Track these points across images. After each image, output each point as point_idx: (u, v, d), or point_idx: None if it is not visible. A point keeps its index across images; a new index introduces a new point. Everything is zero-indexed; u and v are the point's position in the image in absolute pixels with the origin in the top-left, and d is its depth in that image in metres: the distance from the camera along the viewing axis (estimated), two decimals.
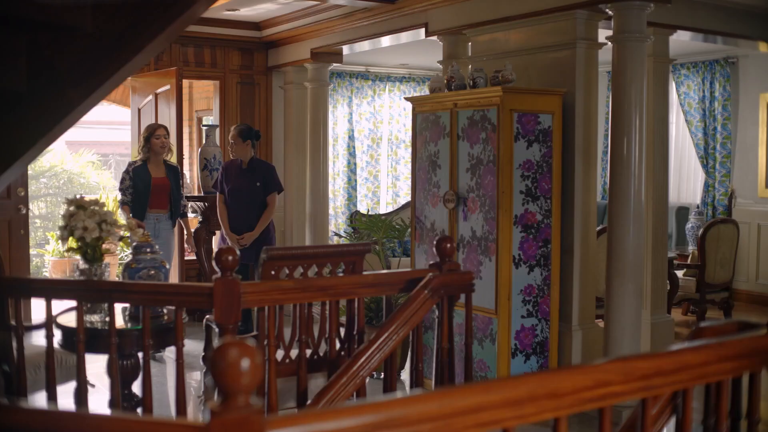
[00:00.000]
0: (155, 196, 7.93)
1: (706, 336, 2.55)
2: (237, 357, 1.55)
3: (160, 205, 7.98)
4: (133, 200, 7.88)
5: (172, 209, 8.05)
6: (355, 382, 3.76)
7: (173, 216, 8.08)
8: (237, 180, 7.94)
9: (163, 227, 7.99)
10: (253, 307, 4.05)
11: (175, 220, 8.16)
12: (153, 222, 7.91)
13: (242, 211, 7.92)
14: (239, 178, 7.93)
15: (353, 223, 10.44)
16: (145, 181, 7.88)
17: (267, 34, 10.33)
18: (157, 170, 7.98)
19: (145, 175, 7.90)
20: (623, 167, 6.11)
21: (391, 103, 13.07)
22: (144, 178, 7.89)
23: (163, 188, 7.97)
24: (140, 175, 7.90)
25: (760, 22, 7.84)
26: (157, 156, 7.96)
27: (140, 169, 7.93)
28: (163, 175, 8.00)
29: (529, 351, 6.41)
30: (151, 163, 7.96)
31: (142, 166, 7.94)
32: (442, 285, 4.03)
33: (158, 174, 7.98)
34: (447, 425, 1.74)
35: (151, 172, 7.93)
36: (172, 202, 8.02)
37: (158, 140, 7.91)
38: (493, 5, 7.07)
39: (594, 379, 1.93)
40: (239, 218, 7.93)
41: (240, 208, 7.92)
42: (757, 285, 10.98)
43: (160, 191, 7.95)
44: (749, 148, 11.18)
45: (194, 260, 9.51)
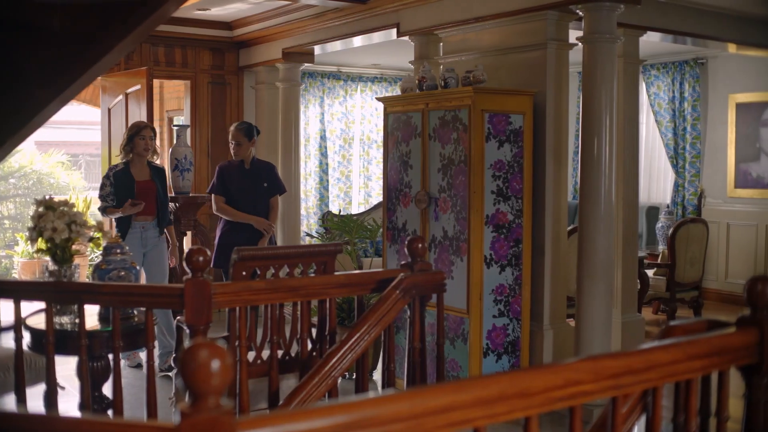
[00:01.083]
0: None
1: (675, 335, 2.56)
2: (207, 358, 1.54)
3: (146, 212, 7.24)
4: (116, 207, 7.19)
5: (160, 216, 7.38)
6: (327, 382, 3.76)
7: (161, 223, 7.40)
8: (242, 182, 7.35)
9: (150, 236, 7.33)
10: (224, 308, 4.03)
11: (163, 228, 7.45)
12: (139, 231, 7.26)
13: (251, 213, 7.33)
14: (244, 179, 7.36)
15: (325, 224, 10.43)
16: (128, 186, 7.18)
17: (238, 33, 10.30)
18: (140, 173, 7.31)
19: (127, 180, 7.22)
20: (594, 167, 6.14)
21: (363, 103, 13.07)
22: (126, 183, 7.20)
23: (148, 193, 7.28)
24: (122, 179, 7.21)
25: (729, 24, 7.91)
26: (141, 158, 7.31)
27: (122, 173, 7.25)
28: (147, 178, 7.33)
29: (500, 350, 6.42)
30: (134, 166, 7.30)
31: (124, 169, 7.27)
32: (414, 285, 4.03)
33: (142, 177, 7.30)
34: (418, 425, 1.74)
35: (134, 175, 7.26)
36: (159, 208, 7.36)
37: (142, 141, 7.27)
38: (464, 6, 7.08)
39: (564, 378, 1.94)
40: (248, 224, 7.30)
41: (249, 210, 7.32)
42: (727, 284, 11.07)
43: (146, 196, 7.23)
44: (718, 149, 11.28)
45: None
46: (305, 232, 11.41)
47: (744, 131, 10.99)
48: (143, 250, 7.24)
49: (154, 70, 9.65)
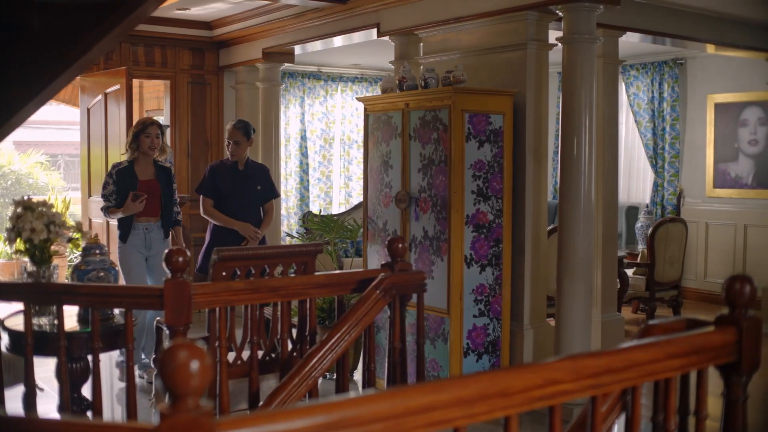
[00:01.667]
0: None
1: (654, 334, 2.57)
2: (186, 359, 1.53)
3: (149, 212, 6.94)
4: (118, 207, 6.88)
5: (164, 216, 7.03)
6: (308, 382, 3.75)
7: (165, 224, 7.05)
8: (235, 184, 7.07)
9: (154, 238, 6.99)
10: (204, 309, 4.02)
11: (168, 230, 7.12)
12: (142, 232, 6.94)
13: (242, 218, 7.04)
14: (237, 181, 7.08)
15: (305, 224, 10.42)
16: (131, 185, 6.87)
17: (218, 33, 10.27)
18: (145, 172, 7.01)
19: (130, 178, 6.91)
20: (573, 167, 6.16)
21: (344, 103, 13.06)
22: (129, 181, 6.89)
23: (151, 192, 6.94)
24: (125, 177, 6.90)
25: (708, 24, 7.95)
26: (147, 156, 6.99)
27: (125, 171, 6.94)
28: (151, 177, 7.02)
29: (481, 350, 6.43)
30: (139, 164, 7.00)
31: (128, 167, 6.97)
32: (394, 285, 4.04)
33: (146, 176, 7.00)
34: (398, 425, 1.74)
35: (138, 174, 6.96)
36: (163, 208, 7.02)
37: (148, 138, 6.94)
38: (444, 6, 7.09)
39: (544, 378, 1.94)
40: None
41: (240, 217, 7.02)
42: (706, 283, 11.13)
43: (149, 197, 6.90)
44: (697, 149, 11.34)
45: None
46: (285, 233, 11.39)
47: (722, 131, 11.06)
48: (147, 254, 7.00)
49: (134, 70, 9.62)
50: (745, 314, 2.39)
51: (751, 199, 10.74)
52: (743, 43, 8.39)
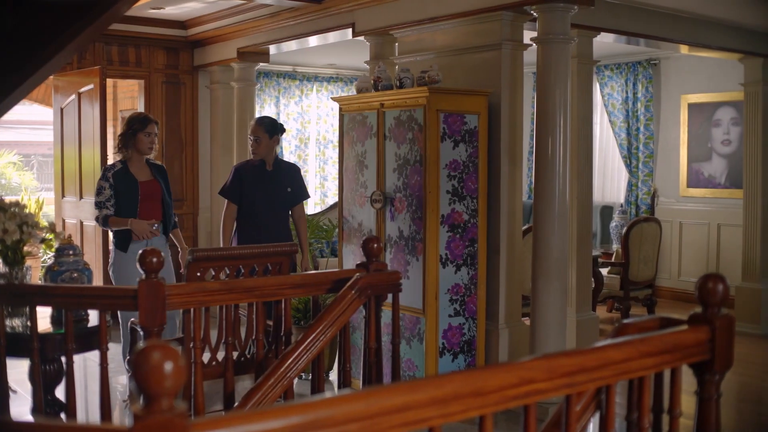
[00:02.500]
0: (144, 205, 6.37)
1: (628, 333, 2.58)
2: (160, 360, 1.53)
3: (151, 216, 6.39)
4: (116, 214, 6.30)
5: (165, 220, 6.49)
6: (283, 383, 3.75)
7: (166, 229, 6.50)
8: (262, 186, 6.54)
9: (156, 243, 6.31)
10: (179, 309, 4.01)
11: (169, 233, 6.57)
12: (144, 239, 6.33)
13: (272, 226, 6.47)
14: (265, 183, 6.55)
15: None
16: (131, 188, 6.32)
17: (193, 33, 10.23)
18: (141, 173, 6.44)
19: (129, 181, 6.34)
20: (548, 167, 6.18)
21: (319, 103, 13.05)
22: (129, 184, 6.33)
23: (153, 194, 6.43)
24: (123, 180, 6.32)
25: (681, 25, 8.00)
26: (141, 156, 6.43)
27: (122, 174, 6.35)
28: (150, 178, 6.47)
29: (456, 350, 6.44)
30: (133, 165, 6.42)
31: (124, 169, 6.37)
32: (369, 285, 4.04)
33: (145, 177, 6.44)
34: (373, 425, 1.74)
35: (135, 175, 6.39)
36: (164, 211, 6.50)
37: (148, 138, 6.38)
38: (419, 6, 7.09)
39: (518, 377, 1.95)
40: (267, 233, 6.41)
41: (269, 222, 6.48)
42: (680, 282, 11.20)
43: (151, 198, 6.41)
44: (671, 148, 11.42)
45: None
46: None
47: (696, 131, 11.13)
48: None
49: (108, 70, 9.57)
50: (718, 313, 2.40)
51: (724, 199, 10.82)
52: (716, 44, 8.45)
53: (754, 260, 9.20)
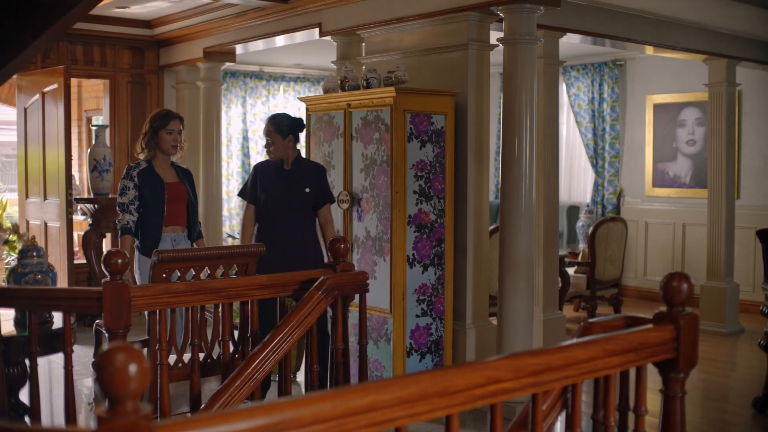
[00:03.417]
0: (170, 209, 5.96)
1: (594, 332, 2.60)
2: (124, 362, 1.51)
3: (176, 221, 5.99)
4: (140, 219, 5.88)
5: (190, 226, 6.09)
6: (250, 385, 3.73)
7: (191, 235, 6.09)
8: (278, 186, 6.07)
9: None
10: (144, 311, 3.98)
11: (194, 242, 6.15)
12: (170, 244, 5.93)
13: (287, 229, 6.00)
14: (281, 183, 6.07)
15: None
16: (157, 190, 5.91)
17: (158, 32, 10.17)
18: (167, 174, 6.05)
19: (155, 182, 5.93)
20: (514, 167, 6.20)
21: (286, 103, 13.01)
22: (155, 186, 5.91)
23: (180, 198, 6.02)
24: (149, 181, 5.91)
25: (646, 26, 8.06)
26: (166, 156, 6.05)
27: (148, 174, 5.94)
28: (177, 180, 6.07)
29: (424, 350, 6.45)
30: (158, 165, 6.03)
31: (149, 168, 5.97)
32: (336, 285, 4.03)
33: (171, 178, 6.04)
34: (340, 425, 1.74)
35: (162, 176, 6.01)
36: (190, 217, 6.09)
37: (170, 135, 5.99)
38: (386, 6, 7.09)
39: (485, 377, 1.95)
40: (283, 238, 5.99)
41: (284, 225, 5.99)
42: (645, 281, 11.29)
43: (177, 202, 6.00)
44: (637, 149, 11.51)
45: (84, 264, 9.31)
46: (227, 234, 11.34)
47: (661, 131, 11.22)
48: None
49: (72, 69, 9.48)
50: (683, 311, 2.42)
51: (689, 198, 10.92)
52: (681, 45, 8.52)
53: (718, 259, 9.28)
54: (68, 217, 8.45)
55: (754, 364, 7.79)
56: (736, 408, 6.63)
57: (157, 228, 5.87)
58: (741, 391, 7.04)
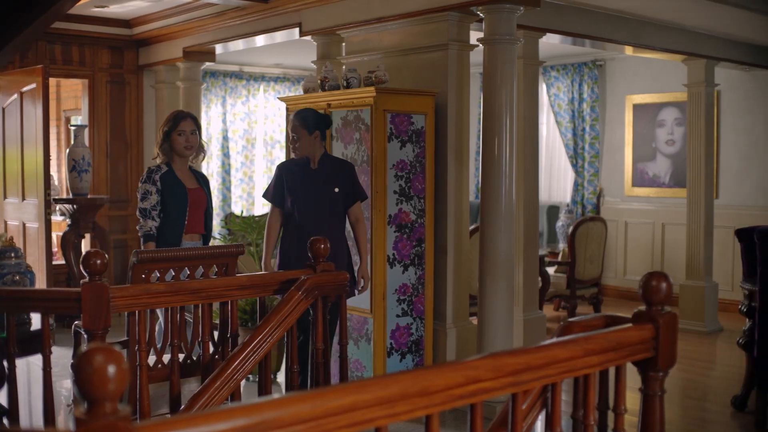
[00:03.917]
0: (191, 216, 5.73)
1: (574, 331, 2.60)
2: (103, 363, 1.50)
3: (195, 228, 5.76)
4: (163, 223, 5.63)
5: (207, 233, 5.89)
6: (230, 385, 3.72)
7: (206, 242, 5.90)
8: (306, 186, 5.71)
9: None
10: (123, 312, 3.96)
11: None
12: None
13: (318, 230, 5.45)
14: (308, 183, 5.71)
15: (227, 225, 10.35)
16: (179, 195, 5.66)
17: (138, 32, 10.13)
18: (187, 179, 5.78)
19: (177, 187, 5.67)
20: (494, 167, 6.21)
21: (266, 103, 12.99)
22: (177, 191, 5.66)
23: (199, 204, 5.79)
24: (171, 186, 5.65)
25: (625, 26, 8.09)
26: (183, 159, 5.77)
27: (169, 178, 5.67)
28: (197, 185, 5.83)
29: (404, 350, 6.45)
30: (177, 170, 5.75)
31: (170, 172, 5.69)
32: (316, 286, 4.03)
33: (192, 184, 5.79)
34: (319, 426, 1.73)
35: (183, 181, 5.74)
36: (207, 224, 5.88)
37: (182, 137, 5.70)
38: (366, 6, 7.09)
39: (464, 376, 1.95)
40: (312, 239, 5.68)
41: (313, 230, 5.45)
42: (625, 280, 11.33)
43: (197, 209, 5.76)
44: (616, 149, 11.55)
45: (63, 265, 9.26)
46: None
47: (640, 131, 11.28)
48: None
49: (51, 69, 9.42)
50: (662, 311, 2.43)
51: (669, 198, 10.97)
52: (660, 45, 8.55)
53: (697, 258, 9.33)
54: (47, 217, 8.41)
55: (733, 362, 7.84)
56: (715, 406, 6.67)
57: (178, 236, 5.63)
58: (720, 390, 7.08)
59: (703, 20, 8.21)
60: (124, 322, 4.64)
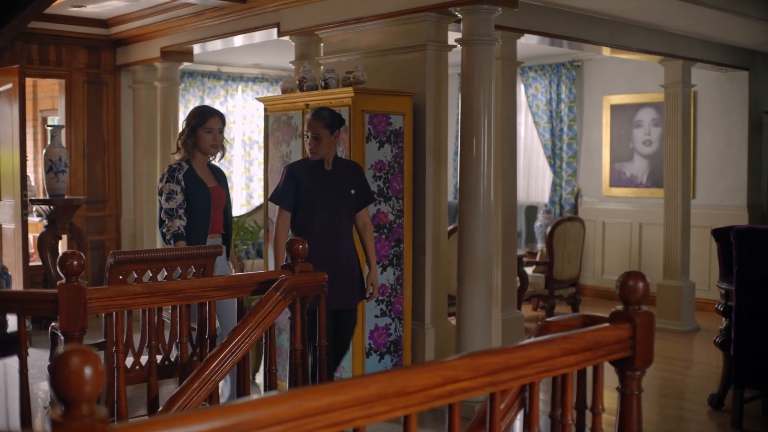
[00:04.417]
0: (213, 214, 5.51)
1: (552, 331, 2.61)
2: (79, 364, 1.49)
3: (216, 228, 5.53)
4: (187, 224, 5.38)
5: (227, 232, 5.66)
6: (208, 387, 3.70)
7: (227, 242, 5.63)
8: (324, 189, 5.41)
9: (219, 259, 5.19)
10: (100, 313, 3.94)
11: (230, 248, 5.73)
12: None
13: (333, 238, 5.38)
14: (325, 186, 5.41)
15: None
16: (202, 194, 5.43)
17: (115, 31, 10.08)
18: (207, 177, 5.54)
19: (199, 185, 5.43)
20: (472, 167, 6.22)
21: (244, 103, 12.95)
22: (200, 190, 5.43)
23: (221, 203, 5.56)
24: (194, 184, 5.41)
25: (603, 27, 8.13)
26: (204, 157, 5.55)
27: (191, 176, 5.42)
28: (216, 183, 5.58)
29: (383, 350, 6.45)
30: (197, 168, 5.50)
31: (191, 170, 5.45)
32: (295, 286, 4.02)
33: (212, 182, 5.55)
34: (297, 427, 1.73)
35: (204, 180, 5.51)
36: (226, 223, 5.64)
37: (209, 134, 5.45)
38: (344, 6, 7.09)
39: (443, 376, 1.95)
40: (329, 249, 5.35)
41: (329, 234, 5.36)
42: (603, 280, 11.38)
43: (218, 207, 5.53)
44: (594, 149, 11.60)
45: (40, 266, 9.20)
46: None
47: (618, 132, 11.32)
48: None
49: (27, 69, 9.36)
50: (639, 310, 2.44)
51: (646, 198, 11.03)
52: (637, 46, 8.60)
53: (674, 258, 9.38)
54: (23, 218, 8.36)
55: (710, 361, 7.88)
56: (692, 405, 6.70)
57: (202, 237, 5.40)
58: (697, 388, 7.12)
59: (680, 21, 8.26)
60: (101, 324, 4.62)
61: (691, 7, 7.28)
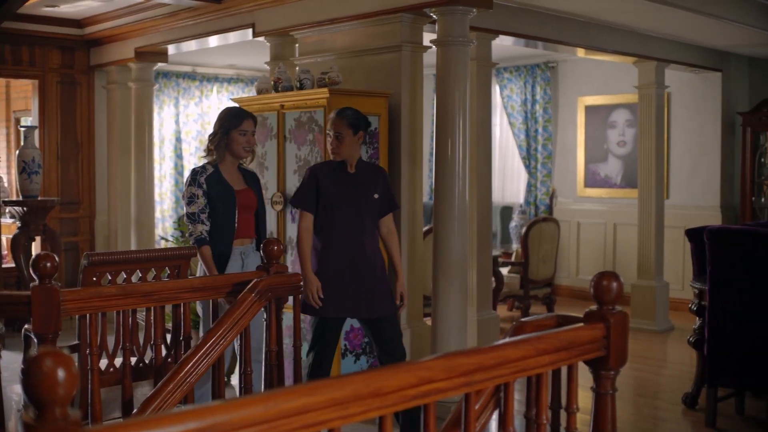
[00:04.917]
0: (240, 219, 5.31)
1: (527, 331, 2.62)
2: (52, 367, 1.48)
3: (246, 232, 5.35)
4: (211, 228, 5.23)
5: (260, 237, 5.43)
6: (183, 388, 3.69)
7: (260, 246, 4.88)
8: (348, 192, 5.20)
9: (251, 263, 5.26)
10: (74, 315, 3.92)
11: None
12: (239, 259, 5.31)
13: (357, 244, 5.18)
14: (348, 189, 5.21)
15: (181, 227, 10.27)
16: (227, 198, 5.25)
17: (89, 32, 10.02)
18: (235, 180, 5.36)
19: (224, 188, 5.26)
20: (448, 168, 6.23)
21: (219, 104, 12.89)
22: (224, 193, 5.25)
23: (249, 206, 5.36)
24: (217, 187, 5.24)
25: (577, 29, 8.16)
26: (235, 160, 5.38)
27: (215, 180, 5.26)
28: (245, 186, 5.39)
29: (359, 351, 6.45)
30: (225, 169, 5.34)
31: (216, 173, 5.30)
32: (270, 287, 4.01)
33: (239, 185, 5.36)
34: (272, 428, 1.73)
35: (230, 182, 5.33)
36: (259, 227, 5.47)
37: (243, 137, 5.29)
38: (319, 6, 7.08)
39: (417, 377, 1.95)
40: (353, 249, 5.18)
41: (354, 239, 5.17)
42: (578, 280, 11.43)
43: (247, 211, 5.34)
44: (568, 150, 11.65)
45: (13, 268, 9.14)
46: (160, 236, 11.22)
47: (592, 133, 11.38)
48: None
49: (0, 69, 9.29)
50: (613, 310, 2.45)
51: (620, 199, 11.09)
52: (611, 47, 8.64)
53: (648, 258, 9.44)
54: None
55: (684, 360, 7.93)
56: (666, 404, 6.74)
57: (227, 242, 5.24)
58: (671, 388, 7.16)
59: (654, 23, 8.31)
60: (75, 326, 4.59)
61: (665, 8, 7.33)
